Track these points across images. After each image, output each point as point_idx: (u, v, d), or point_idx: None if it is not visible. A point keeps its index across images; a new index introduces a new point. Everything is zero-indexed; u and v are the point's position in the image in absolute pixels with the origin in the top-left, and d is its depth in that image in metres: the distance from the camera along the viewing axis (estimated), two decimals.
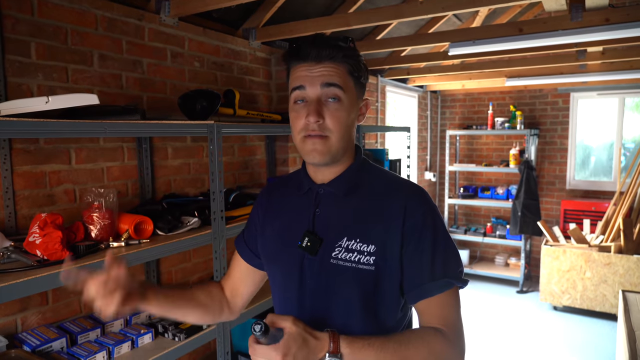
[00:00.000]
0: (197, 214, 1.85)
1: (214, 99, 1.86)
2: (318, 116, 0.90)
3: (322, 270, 0.95)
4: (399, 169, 3.64)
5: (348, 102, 0.93)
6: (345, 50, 0.93)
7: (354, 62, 0.94)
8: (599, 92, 4.80)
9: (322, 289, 0.95)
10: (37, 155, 1.62)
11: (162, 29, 2.05)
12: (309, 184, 1.02)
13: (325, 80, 0.91)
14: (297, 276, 0.98)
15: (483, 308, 4.39)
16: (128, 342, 1.59)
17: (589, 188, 4.95)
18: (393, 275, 0.92)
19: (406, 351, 0.85)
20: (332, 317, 0.94)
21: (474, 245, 5.58)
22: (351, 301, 0.93)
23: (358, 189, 0.98)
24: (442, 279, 0.91)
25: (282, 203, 1.08)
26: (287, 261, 1.00)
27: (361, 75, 0.97)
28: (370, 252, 0.91)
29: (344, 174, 0.99)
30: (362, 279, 0.92)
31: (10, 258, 1.30)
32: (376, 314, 0.94)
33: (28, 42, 1.57)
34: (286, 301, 1.02)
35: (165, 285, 1.03)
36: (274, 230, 1.06)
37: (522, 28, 2.50)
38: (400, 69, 4.28)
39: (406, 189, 0.97)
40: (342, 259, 0.93)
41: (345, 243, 0.93)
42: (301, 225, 0.99)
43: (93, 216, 1.52)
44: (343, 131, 0.93)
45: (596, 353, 3.46)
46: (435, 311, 0.92)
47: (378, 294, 0.93)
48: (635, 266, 3.83)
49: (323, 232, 0.96)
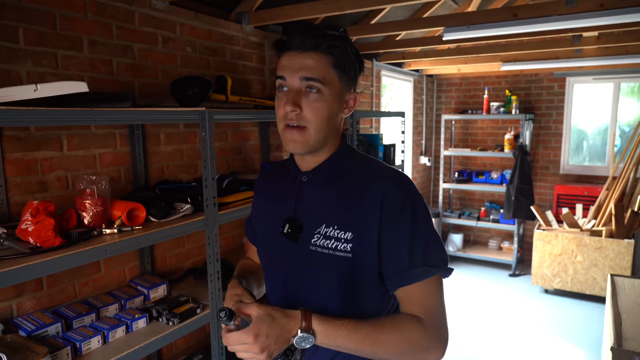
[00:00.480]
0: (190, 200, 1.86)
1: (205, 86, 1.85)
2: (294, 106, 0.91)
3: (302, 256, 0.97)
4: (393, 153, 3.65)
5: (330, 95, 0.92)
6: (331, 40, 0.91)
7: (339, 54, 0.92)
8: (595, 77, 4.80)
9: (303, 274, 0.98)
10: (28, 142, 1.61)
11: (152, 14, 2.03)
12: (295, 171, 1.04)
13: (304, 74, 0.90)
14: (281, 261, 1.01)
15: (476, 291, 4.45)
16: (123, 326, 1.62)
17: (583, 173, 4.99)
18: (371, 262, 0.93)
19: (379, 334, 0.87)
20: (312, 303, 0.96)
21: (467, 229, 5.64)
22: (329, 288, 0.95)
23: (340, 176, 0.98)
24: (421, 267, 0.90)
25: (272, 188, 1.12)
26: (273, 246, 1.04)
27: (348, 67, 0.94)
28: (348, 239, 0.92)
29: (326, 162, 1.00)
30: (339, 266, 0.93)
31: (2, 245, 1.31)
32: (354, 301, 0.95)
33: (16, 28, 1.55)
34: (274, 285, 1.07)
35: (245, 279, 1.10)
36: (264, 215, 1.10)
37: (517, 13, 2.48)
38: (395, 53, 4.25)
39: (387, 176, 0.95)
40: (320, 246, 0.94)
41: (323, 230, 0.94)
42: (285, 211, 1.02)
43: (85, 203, 1.53)
44: (322, 123, 0.93)
45: (585, 335, 3.53)
46: (416, 300, 0.92)
47: (355, 280, 0.94)
48: (626, 250, 3.88)
49: (304, 219, 0.98)
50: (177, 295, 1.90)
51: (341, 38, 0.93)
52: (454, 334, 3.56)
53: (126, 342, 1.57)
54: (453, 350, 3.30)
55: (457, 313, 3.95)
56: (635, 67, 4.44)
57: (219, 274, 1.82)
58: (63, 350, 1.42)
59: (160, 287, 1.92)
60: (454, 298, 4.27)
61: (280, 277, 1.03)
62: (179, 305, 1.79)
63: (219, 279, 1.82)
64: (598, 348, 3.30)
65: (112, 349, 1.52)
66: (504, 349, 3.33)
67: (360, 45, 3.67)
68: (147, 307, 1.78)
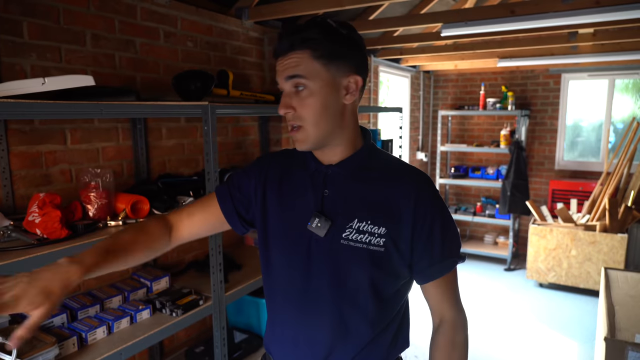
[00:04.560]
0: (192, 193, 1.88)
1: (207, 80, 1.87)
2: (286, 108, 0.93)
3: (331, 251, 0.96)
4: (391, 149, 3.68)
5: (318, 87, 0.91)
6: (304, 34, 0.90)
7: (316, 44, 0.90)
8: (590, 73, 4.84)
9: (331, 269, 0.96)
10: (32, 135, 1.63)
11: (154, 8, 2.04)
12: (316, 165, 1.01)
13: (286, 74, 0.92)
14: (303, 256, 0.98)
15: (472, 285, 4.51)
16: (127, 317, 1.64)
17: (577, 168, 5.04)
18: (402, 257, 0.96)
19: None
20: (340, 297, 0.97)
21: (463, 224, 5.69)
22: (360, 281, 0.95)
23: (367, 172, 0.99)
24: (448, 260, 0.99)
25: (282, 177, 1.06)
26: (293, 241, 1.00)
27: (333, 53, 0.91)
28: (381, 234, 0.93)
29: (354, 156, 0.99)
30: (372, 260, 0.94)
31: (10, 237, 1.33)
32: (381, 292, 0.98)
33: (20, 22, 1.57)
34: (290, 279, 1.01)
35: (96, 249, 0.91)
36: (277, 208, 1.04)
37: (514, 10, 2.52)
38: (393, 49, 4.27)
39: (415, 175, 0.99)
40: (353, 240, 0.94)
41: (356, 224, 0.95)
42: (307, 205, 0.99)
43: (90, 196, 1.55)
44: (317, 117, 0.92)
45: (579, 327, 3.59)
46: (444, 289, 1.02)
47: (386, 274, 0.96)
48: (619, 244, 3.94)
49: (332, 214, 0.96)
50: (179, 287, 1.92)
51: (320, 26, 0.91)
52: None
53: (131, 332, 1.60)
54: None
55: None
56: (630, 63, 4.49)
57: (221, 266, 1.85)
58: (69, 340, 1.45)
59: (163, 280, 1.94)
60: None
61: (299, 272, 0.99)
62: (182, 297, 1.82)
63: (221, 271, 1.84)
64: (592, 340, 3.36)
65: (117, 339, 1.54)
66: (499, 342, 3.38)
67: None
68: (150, 299, 1.80)
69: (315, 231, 0.96)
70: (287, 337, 1.04)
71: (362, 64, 0.97)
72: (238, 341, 2.22)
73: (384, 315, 1.00)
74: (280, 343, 1.06)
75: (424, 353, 3.20)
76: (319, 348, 0.99)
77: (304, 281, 0.99)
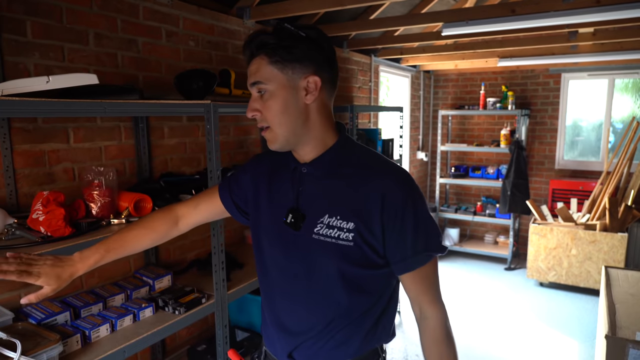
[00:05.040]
0: (194, 192, 1.89)
1: (210, 79, 1.87)
2: (252, 111, 0.99)
3: (305, 245, 1.01)
4: (391, 148, 3.69)
5: (276, 90, 0.95)
6: (259, 41, 0.96)
7: (270, 51, 0.94)
8: (590, 73, 4.85)
9: (305, 261, 1.02)
10: (35, 134, 1.64)
11: (156, 8, 2.05)
12: (295, 162, 1.07)
13: (250, 80, 0.98)
14: (282, 249, 1.05)
15: (472, 285, 4.51)
16: (130, 315, 1.65)
17: (577, 168, 5.05)
18: (372, 250, 0.98)
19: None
20: (313, 287, 1.02)
21: (464, 224, 5.70)
22: (331, 275, 1.00)
23: (340, 168, 1.02)
24: (423, 253, 0.99)
25: (271, 174, 1.12)
26: (275, 235, 1.07)
27: (284, 57, 0.94)
28: (350, 229, 0.96)
29: (326, 154, 1.02)
30: (341, 254, 0.97)
31: (14, 234, 1.34)
32: (357, 284, 1.01)
33: (24, 21, 1.57)
34: (272, 271, 1.09)
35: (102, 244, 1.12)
36: (266, 201, 1.11)
37: (515, 9, 2.52)
38: (393, 49, 4.28)
39: (388, 169, 1.00)
40: (323, 235, 0.98)
41: (326, 220, 0.99)
42: (286, 201, 1.05)
43: (94, 194, 1.55)
44: (279, 117, 0.97)
45: (579, 326, 3.60)
46: (420, 281, 1.03)
47: (357, 267, 0.99)
48: (619, 244, 3.95)
49: (306, 209, 1.02)
50: (181, 285, 1.93)
51: (276, 32, 0.96)
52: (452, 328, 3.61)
53: (134, 330, 1.60)
54: None
55: (453, 306, 4.01)
56: (630, 63, 4.50)
57: (224, 265, 1.85)
58: (73, 337, 1.45)
59: (165, 278, 1.95)
60: (451, 291, 4.33)
61: (281, 266, 1.06)
62: (185, 295, 1.82)
63: (223, 269, 1.85)
64: (592, 339, 3.36)
65: (120, 337, 1.55)
66: (499, 341, 3.39)
67: (358, 40, 3.70)
68: (153, 297, 1.81)
69: (290, 226, 1.02)
70: (273, 323, 1.11)
71: (324, 64, 0.99)
72: (240, 339, 2.23)
73: (358, 306, 1.02)
74: (267, 327, 1.14)
75: None
76: (294, 334, 1.05)
77: (284, 272, 1.06)
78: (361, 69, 4.00)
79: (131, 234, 1.16)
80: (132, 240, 1.16)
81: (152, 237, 1.19)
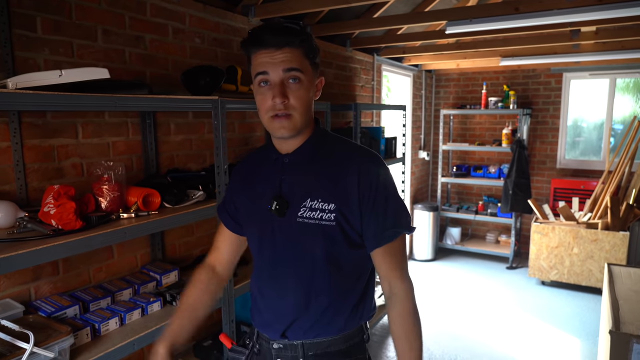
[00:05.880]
0: (201, 187, 1.90)
1: (217, 75, 1.89)
2: (284, 97, 1.01)
3: (290, 229, 1.08)
4: (394, 147, 3.71)
5: (307, 82, 1.04)
6: (301, 36, 1.02)
7: (308, 46, 1.04)
8: (591, 73, 4.87)
9: (291, 245, 1.09)
10: (45, 129, 1.65)
11: (163, 5, 2.06)
12: (276, 154, 1.14)
13: (286, 65, 1.01)
14: (269, 236, 1.11)
15: (474, 283, 4.52)
16: (138, 309, 1.66)
17: (579, 167, 5.06)
18: (353, 228, 1.07)
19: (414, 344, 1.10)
20: (300, 269, 1.09)
21: (465, 223, 5.71)
22: (317, 254, 1.07)
23: (319, 155, 1.11)
24: (392, 229, 1.08)
25: (254, 173, 1.21)
26: (260, 224, 1.13)
27: (315, 56, 1.07)
28: (331, 209, 1.05)
29: (305, 144, 1.11)
30: (325, 233, 1.05)
31: (26, 227, 1.35)
32: (339, 263, 1.09)
33: (34, 17, 1.58)
34: (264, 261, 1.15)
35: (177, 320, 1.20)
36: (248, 197, 1.18)
37: (519, 7, 2.54)
38: (395, 48, 4.29)
39: (361, 154, 1.11)
40: (307, 217, 1.06)
41: (309, 203, 1.07)
42: (270, 190, 1.12)
43: (103, 188, 1.57)
44: (304, 108, 1.04)
45: (581, 324, 3.61)
46: (389, 258, 1.11)
47: (339, 245, 1.07)
48: (621, 242, 3.96)
49: (289, 196, 1.09)
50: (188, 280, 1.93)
51: (305, 31, 1.04)
52: (454, 327, 3.63)
53: (143, 324, 1.62)
54: (452, 341, 3.37)
55: (455, 305, 4.02)
56: (631, 62, 4.51)
57: None
58: (83, 330, 1.47)
59: (172, 273, 1.96)
60: (453, 291, 4.34)
61: (269, 251, 1.13)
62: None
63: None
64: (594, 337, 3.38)
65: (129, 330, 1.56)
66: (501, 339, 3.40)
67: (361, 39, 3.71)
68: (160, 292, 1.82)
69: (275, 213, 1.08)
70: (266, 306, 1.16)
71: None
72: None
73: (342, 283, 1.10)
74: (260, 312, 1.19)
75: (427, 349, 3.21)
76: (286, 314, 1.12)
77: (272, 256, 1.12)
78: (364, 68, 4.02)
79: (193, 303, 1.22)
80: (196, 307, 1.21)
81: (208, 291, 1.25)
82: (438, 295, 4.21)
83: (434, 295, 4.19)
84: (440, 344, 3.29)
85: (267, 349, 1.17)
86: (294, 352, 1.12)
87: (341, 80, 3.67)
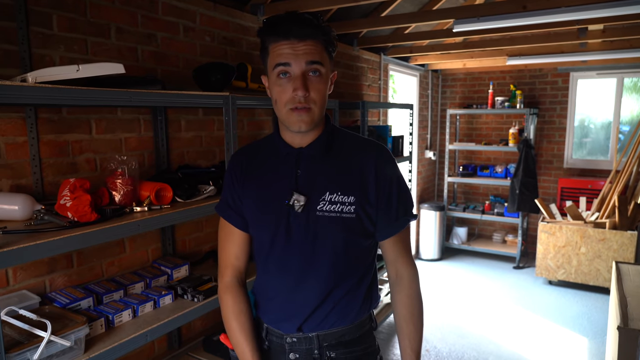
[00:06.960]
0: (211, 182, 1.93)
1: (228, 72, 1.91)
2: (306, 90, 1.00)
3: (309, 223, 1.07)
4: (401, 145, 3.72)
5: (326, 75, 1.05)
6: (324, 29, 1.02)
7: (329, 39, 1.04)
8: (598, 72, 4.86)
9: (309, 238, 1.08)
10: (60, 124, 1.68)
11: (174, 3, 2.09)
12: (287, 148, 1.11)
13: (309, 58, 1.00)
14: (284, 231, 1.08)
15: (481, 283, 4.52)
16: (151, 302, 1.68)
17: (586, 167, 5.05)
18: (370, 219, 1.10)
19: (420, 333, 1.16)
20: (318, 262, 1.08)
21: (472, 223, 5.71)
22: (337, 247, 1.08)
23: (333, 149, 1.12)
24: (402, 218, 1.13)
25: (258, 167, 1.16)
26: (273, 219, 1.09)
27: (334, 50, 1.08)
28: (351, 202, 1.06)
29: (320, 137, 1.11)
30: (346, 226, 1.07)
31: (43, 219, 1.38)
32: (356, 254, 1.12)
33: (50, 14, 1.62)
34: (274, 253, 1.11)
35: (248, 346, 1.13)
36: (255, 193, 1.14)
37: (526, 5, 2.55)
38: (402, 48, 4.31)
39: (374, 146, 1.14)
40: (327, 210, 1.06)
41: (328, 197, 1.07)
42: (283, 185, 1.09)
43: (117, 182, 1.60)
44: (323, 101, 1.06)
45: (589, 324, 3.60)
46: (398, 245, 1.15)
47: (357, 235, 1.09)
48: (629, 242, 3.95)
49: (307, 190, 1.08)
50: (199, 275, 1.96)
51: (327, 25, 1.05)
52: (461, 325, 3.63)
53: (155, 316, 1.64)
54: (459, 339, 3.38)
55: (462, 304, 4.02)
56: (639, 61, 4.49)
57: None
58: (97, 321, 1.49)
59: (183, 268, 1.98)
60: (459, 290, 4.34)
61: (284, 247, 1.09)
62: (203, 284, 1.86)
63: None
64: (602, 335, 3.37)
65: (142, 322, 1.59)
66: (509, 339, 3.40)
67: (368, 38, 3.73)
68: (171, 285, 1.85)
69: (294, 208, 1.07)
70: (282, 302, 1.13)
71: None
72: None
73: (356, 272, 1.12)
74: (270, 309, 1.16)
75: (434, 347, 3.22)
76: (304, 307, 1.10)
77: (286, 251, 1.10)
78: (371, 67, 4.03)
79: (243, 315, 1.15)
80: (247, 317, 1.16)
81: (244, 312, 1.16)
82: (445, 294, 4.22)
83: (440, 295, 4.19)
84: (447, 342, 3.30)
85: (279, 345, 1.15)
86: (309, 345, 1.12)
87: (348, 79, 3.69)
